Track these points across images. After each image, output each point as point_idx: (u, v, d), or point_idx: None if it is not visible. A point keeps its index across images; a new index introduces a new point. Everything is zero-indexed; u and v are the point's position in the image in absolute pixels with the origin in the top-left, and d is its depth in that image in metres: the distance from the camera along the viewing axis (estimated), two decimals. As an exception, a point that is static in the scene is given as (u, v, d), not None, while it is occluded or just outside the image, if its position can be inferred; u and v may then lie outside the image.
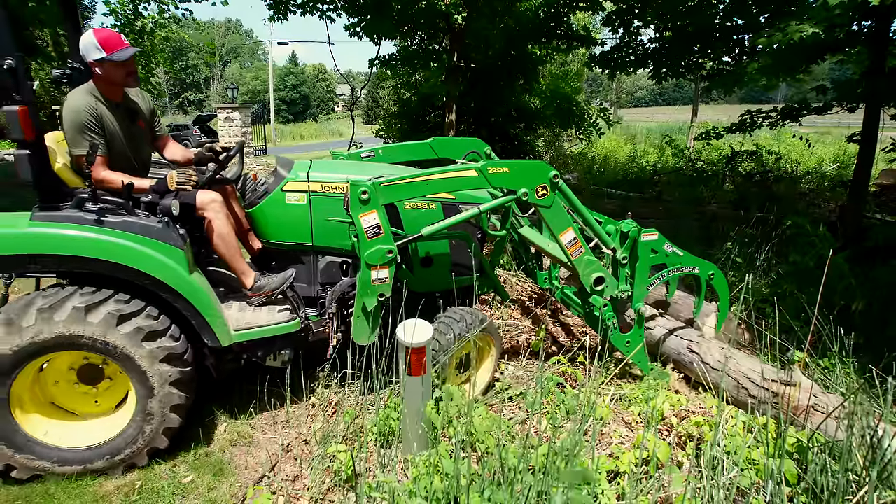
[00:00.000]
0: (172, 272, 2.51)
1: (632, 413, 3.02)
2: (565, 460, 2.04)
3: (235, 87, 28.41)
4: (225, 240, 2.84)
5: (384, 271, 2.69)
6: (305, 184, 2.98)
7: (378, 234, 2.63)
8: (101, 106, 2.72)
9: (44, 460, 2.45)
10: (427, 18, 9.19)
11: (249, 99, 45.11)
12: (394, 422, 2.65)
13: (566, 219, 2.99)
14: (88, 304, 2.37)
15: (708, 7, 7.62)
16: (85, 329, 2.34)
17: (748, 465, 2.32)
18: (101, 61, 2.68)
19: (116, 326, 2.39)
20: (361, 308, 2.73)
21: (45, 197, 2.48)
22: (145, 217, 2.60)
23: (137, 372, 2.45)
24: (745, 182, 10.41)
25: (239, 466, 2.69)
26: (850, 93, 6.51)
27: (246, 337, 2.75)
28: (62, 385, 2.61)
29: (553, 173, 2.88)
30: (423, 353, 2.41)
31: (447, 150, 3.81)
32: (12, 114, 2.23)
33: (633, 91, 71.77)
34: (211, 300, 2.62)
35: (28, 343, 2.30)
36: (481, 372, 3.28)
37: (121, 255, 2.43)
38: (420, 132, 12.09)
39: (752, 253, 5.20)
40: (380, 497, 2.16)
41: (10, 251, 2.37)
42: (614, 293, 3.19)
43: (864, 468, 2.05)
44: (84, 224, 2.42)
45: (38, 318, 2.30)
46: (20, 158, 2.33)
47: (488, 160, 2.89)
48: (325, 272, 3.10)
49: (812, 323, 2.76)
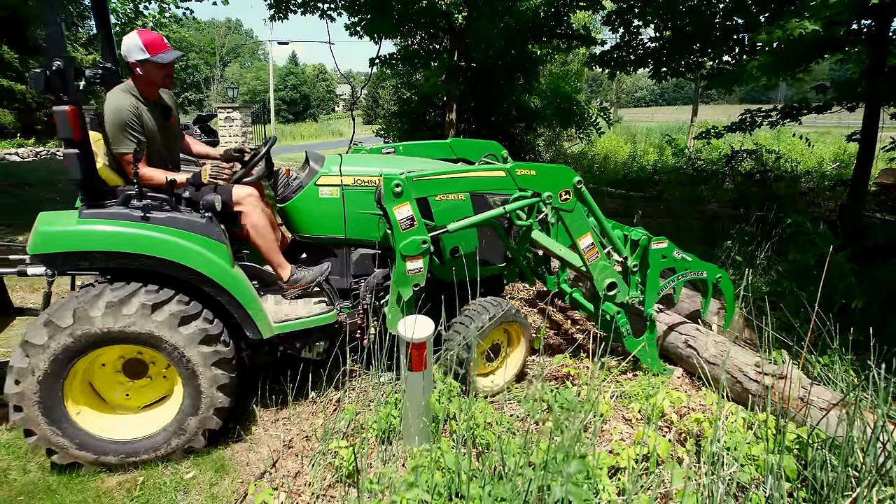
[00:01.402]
0: (217, 267, 2.56)
1: (632, 410, 3.03)
2: (566, 456, 2.05)
3: (236, 86, 28.43)
4: (262, 233, 2.90)
5: (419, 262, 2.75)
6: (338, 178, 3.01)
7: (412, 225, 2.70)
8: (141, 105, 2.80)
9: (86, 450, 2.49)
10: (427, 18, 9.21)
11: (250, 99, 45.13)
12: (394, 418, 2.66)
13: (586, 224, 3.07)
14: (155, 303, 2.43)
15: (708, 6, 7.63)
16: (147, 326, 2.41)
17: (748, 460, 2.33)
18: (144, 62, 2.75)
19: (178, 327, 2.46)
20: (396, 298, 2.79)
21: (90, 195, 2.52)
22: (188, 213, 2.65)
23: (190, 373, 2.51)
24: (745, 181, 10.42)
25: (240, 463, 2.69)
26: (850, 92, 6.52)
27: (286, 329, 2.79)
28: (106, 370, 2.64)
29: (577, 179, 2.96)
30: (424, 348, 2.42)
31: (465, 151, 3.87)
32: (62, 114, 2.27)
33: (633, 91, 71.76)
34: (252, 294, 2.67)
35: (96, 334, 2.36)
36: (511, 361, 3.34)
37: (168, 250, 2.47)
38: (420, 132, 12.11)
39: (752, 251, 5.21)
40: (380, 490, 2.17)
41: (63, 248, 2.41)
42: (625, 299, 3.25)
43: (864, 463, 2.06)
44: (131, 221, 2.47)
45: (107, 311, 2.36)
46: (70, 157, 2.37)
47: (516, 162, 2.95)
48: (358, 264, 3.14)
49: (812, 320, 2.77)
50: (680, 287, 3.57)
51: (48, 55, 2.24)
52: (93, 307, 2.36)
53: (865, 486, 1.92)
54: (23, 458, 2.66)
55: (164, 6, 12.24)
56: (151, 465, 2.59)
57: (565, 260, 3.56)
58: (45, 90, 2.25)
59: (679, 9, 7.71)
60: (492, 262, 3.51)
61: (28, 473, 2.56)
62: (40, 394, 2.35)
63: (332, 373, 3.03)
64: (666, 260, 3.28)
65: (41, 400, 2.35)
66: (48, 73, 2.23)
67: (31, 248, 2.38)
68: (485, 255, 3.43)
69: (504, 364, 3.35)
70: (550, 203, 2.92)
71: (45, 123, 17.75)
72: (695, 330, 3.57)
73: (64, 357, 2.35)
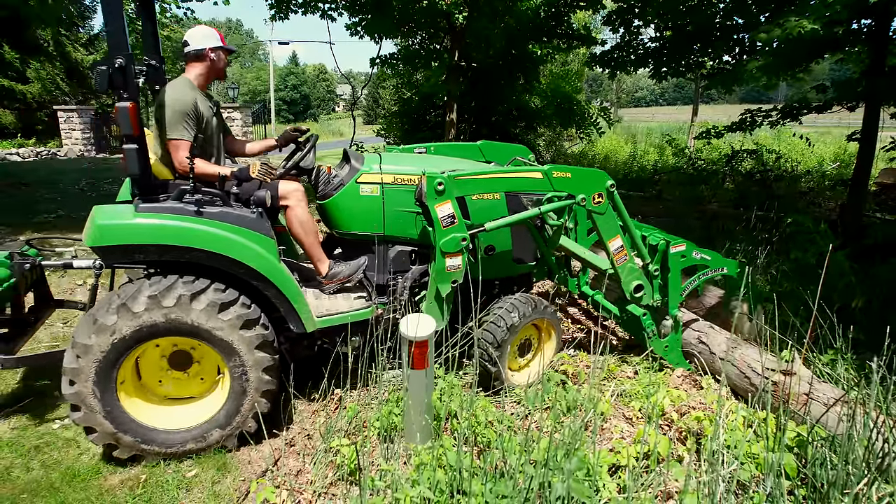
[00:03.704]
0: (266, 261, 2.61)
1: (632, 408, 3.03)
2: (566, 453, 2.06)
3: (236, 86, 28.44)
4: (307, 227, 3.00)
5: (458, 258, 2.83)
6: (379, 176, 3.06)
7: (453, 222, 2.78)
8: (200, 96, 2.93)
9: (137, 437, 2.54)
10: (428, 17, 9.21)
11: (250, 99, 45.15)
12: (396, 416, 2.67)
13: (616, 226, 3.13)
14: (223, 302, 2.50)
15: (708, 6, 7.64)
16: (210, 322, 2.48)
17: (748, 458, 2.33)
18: (219, 49, 3.02)
19: (240, 329, 2.52)
20: (435, 294, 2.87)
21: (145, 190, 2.56)
22: (238, 208, 2.70)
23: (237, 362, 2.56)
24: (745, 181, 10.41)
25: (242, 461, 2.70)
26: (850, 92, 6.52)
27: (328, 323, 2.87)
28: (155, 354, 2.68)
29: (610, 182, 3.03)
30: (426, 346, 2.44)
31: (494, 154, 3.97)
32: (124, 110, 2.32)
33: (633, 91, 71.73)
34: (297, 288, 2.72)
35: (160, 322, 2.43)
36: (542, 356, 3.39)
37: (220, 244, 2.52)
38: (421, 131, 12.11)
39: (753, 251, 5.22)
40: (384, 487, 2.17)
41: (121, 241, 2.46)
42: (650, 301, 3.31)
43: (865, 461, 2.07)
44: (186, 215, 2.52)
45: (179, 303, 2.44)
46: (129, 153, 2.41)
47: (553, 164, 3.03)
48: (396, 261, 3.18)
49: (812, 319, 2.78)
50: (702, 285, 3.66)
51: (110, 52, 2.27)
52: (166, 297, 2.43)
53: (865, 483, 1.93)
54: (26, 456, 2.68)
55: (165, 6, 12.23)
56: (153, 464, 2.60)
57: (589, 262, 3.63)
58: (107, 88, 2.28)
59: (679, 9, 7.72)
60: (524, 260, 3.57)
61: (31, 471, 2.57)
62: (96, 373, 2.40)
63: (334, 371, 3.04)
64: (685, 259, 3.34)
65: (96, 378, 2.41)
66: (111, 71, 2.26)
67: (90, 241, 2.43)
68: (517, 254, 3.50)
69: (535, 359, 3.41)
70: (584, 205, 2.99)
71: (45, 123, 17.77)
72: (708, 327, 3.61)
73: (129, 341, 2.41)
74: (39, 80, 17.63)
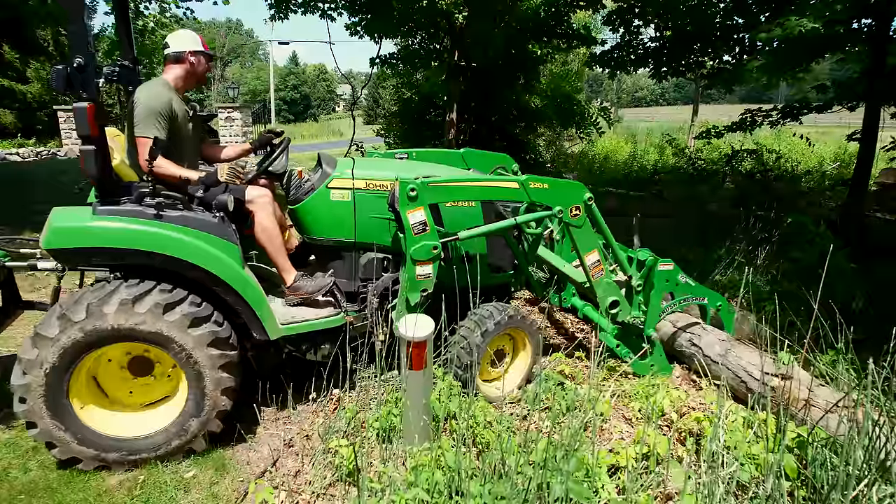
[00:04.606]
0: (226, 266, 2.56)
1: (632, 409, 3.03)
2: (565, 454, 2.05)
3: (236, 86, 28.39)
4: (270, 235, 2.91)
5: (428, 267, 2.77)
6: (350, 181, 3.00)
7: (424, 230, 2.72)
8: (176, 99, 2.89)
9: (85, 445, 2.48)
10: (428, 17, 9.20)
11: (250, 99, 45.09)
12: (394, 417, 2.66)
13: (594, 240, 3.10)
14: (168, 302, 2.43)
15: (708, 6, 7.64)
16: (156, 324, 2.41)
17: (748, 459, 2.32)
18: (199, 53, 3.00)
19: (188, 328, 2.45)
20: (405, 302, 2.79)
21: (105, 192, 2.52)
22: (201, 212, 2.65)
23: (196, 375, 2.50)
24: (745, 181, 10.40)
25: (241, 462, 2.70)
26: (851, 91, 6.53)
27: (293, 331, 2.81)
28: (112, 367, 2.64)
29: (588, 196, 2.99)
30: (424, 347, 2.43)
31: (477, 162, 3.90)
32: (82, 111, 2.28)
33: (633, 91, 71.76)
34: (261, 295, 2.67)
35: (107, 330, 2.36)
36: (517, 367, 3.32)
37: (178, 249, 2.48)
38: (421, 132, 12.10)
39: (753, 251, 5.21)
40: (380, 489, 2.17)
41: (76, 244, 2.43)
42: (626, 318, 3.26)
43: (865, 461, 2.06)
44: (144, 218, 2.48)
45: (121, 308, 2.36)
46: (87, 154, 2.37)
47: (530, 175, 2.98)
48: (367, 268, 3.12)
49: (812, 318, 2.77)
50: (680, 311, 3.64)
51: (71, 52, 2.25)
52: (106, 304, 2.37)
53: (865, 484, 1.92)
54: (24, 456, 2.67)
55: (165, 6, 12.24)
56: (152, 464, 2.59)
57: (568, 276, 3.59)
58: (65, 87, 2.25)
59: (679, 8, 7.72)
60: (500, 269, 3.51)
61: (29, 472, 2.56)
62: (46, 387, 2.35)
63: (333, 372, 3.04)
64: (668, 284, 3.31)
65: (46, 393, 2.35)
66: (69, 71, 2.24)
67: (45, 243, 2.39)
68: (493, 263, 3.45)
69: (510, 370, 3.31)
70: (561, 217, 2.95)
71: (45, 123, 17.77)
72: (700, 328, 3.57)
73: (73, 351, 2.35)
74: (39, 80, 17.64)
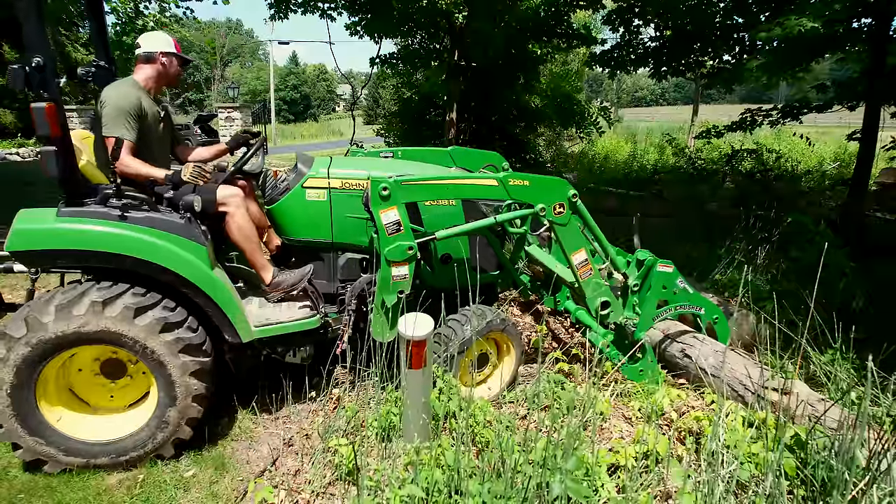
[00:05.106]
0: (194, 268, 2.53)
1: (632, 408, 3.03)
2: (564, 453, 2.05)
3: (236, 86, 28.41)
4: (245, 234, 2.88)
5: (404, 268, 2.70)
6: (325, 180, 2.97)
7: (398, 230, 2.65)
8: (145, 98, 2.87)
9: (52, 447, 2.46)
10: (428, 17, 9.20)
11: (250, 99, 45.10)
12: (394, 416, 2.66)
13: (580, 239, 3.01)
14: (140, 306, 2.40)
15: (708, 6, 7.64)
16: (129, 329, 2.38)
17: (748, 458, 2.32)
18: (171, 55, 2.98)
19: (159, 333, 2.41)
20: (381, 305, 2.74)
21: (70, 193, 2.50)
22: (168, 213, 2.62)
23: (163, 372, 2.47)
24: (745, 181, 10.40)
25: (240, 461, 2.70)
26: (851, 91, 6.52)
27: (266, 333, 2.76)
28: (84, 374, 2.62)
29: (572, 192, 2.89)
30: (424, 346, 2.42)
31: (465, 161, 3.82)
32: (40, 110, 2.25)
33: (633, 90, 71.74)
34: (232, 296, 2.63)
35: (72, 332, 2.33)
36: (500, 372, 3.24)
37: (145, 251, 2.45)
38: (421, 131, 12.10)
39: (753, 250, 5.21)
40: (376, 487, 2.17)
41: (39, 246, 2.40)
42: (619, 319, 3.15)
43: (865, 460, 2.06)
44: (108, 220, 2.45)
45: (91, 310, 2.33)
46: (47, 155, 2.34)
47: (510, 172, 2.90)
48: (345, 269, 3.10)
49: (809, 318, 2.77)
50: (674, 317, 3.49)
51: (27, 51, 2.19)
52: (76, 305, 2.33)
53: (865, 484, 1.92)
54: (23, 455, 2.67)
55: (165, 6, 12.26)
56: (151, 464, 2.60)
57: (559, 276, 3.50)
58: (23, 87, 2.21)
59: (679, 8, 7.71)
60: (484, 269, 3.42)
61: (28, 471, 2.56)
62: (14, 406, 2.32)
63: (331, 372, 3.04)
64: (666, 291, 3.17)
65: (17, 412, 2.33)
66: (27, 70, 2.19)
67: (8, 245, 2.36)
68: (476, 263, 3.35)
69: (493, 375, 3.24)
70: (544, 216, 2.86)
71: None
72: (692, 338, 3.41)
73: (39, 353, 2.32)
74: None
